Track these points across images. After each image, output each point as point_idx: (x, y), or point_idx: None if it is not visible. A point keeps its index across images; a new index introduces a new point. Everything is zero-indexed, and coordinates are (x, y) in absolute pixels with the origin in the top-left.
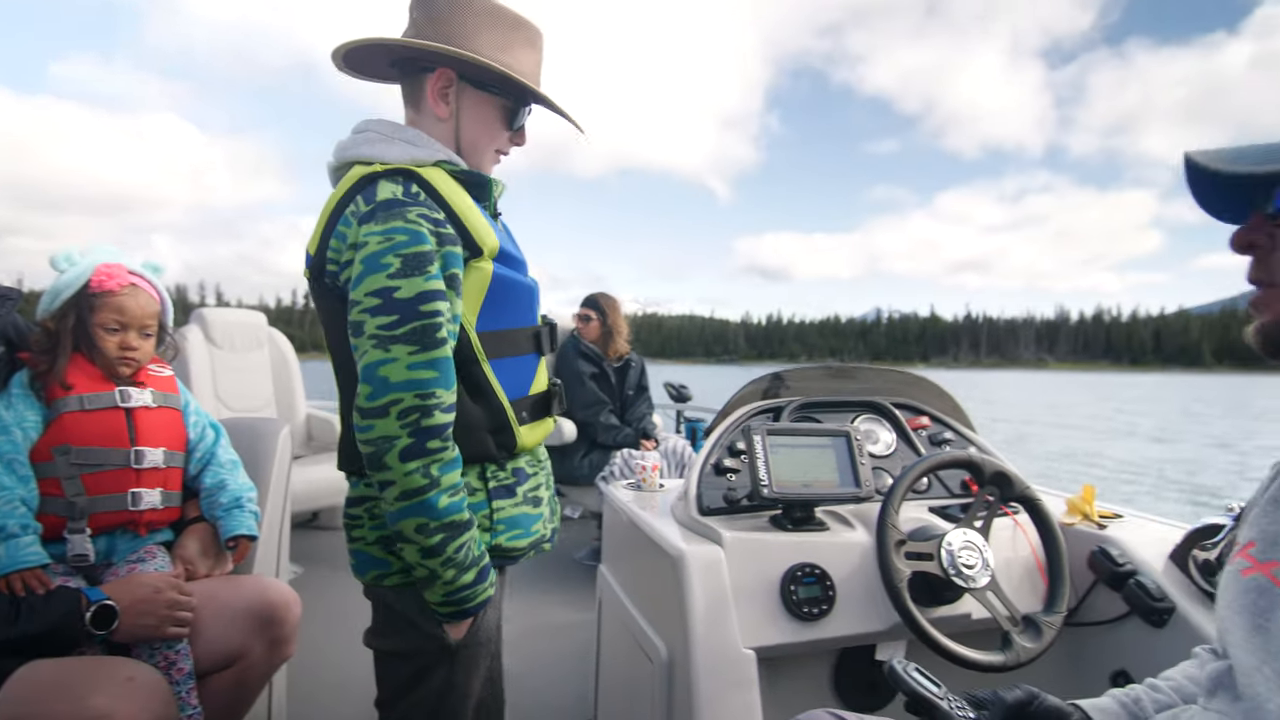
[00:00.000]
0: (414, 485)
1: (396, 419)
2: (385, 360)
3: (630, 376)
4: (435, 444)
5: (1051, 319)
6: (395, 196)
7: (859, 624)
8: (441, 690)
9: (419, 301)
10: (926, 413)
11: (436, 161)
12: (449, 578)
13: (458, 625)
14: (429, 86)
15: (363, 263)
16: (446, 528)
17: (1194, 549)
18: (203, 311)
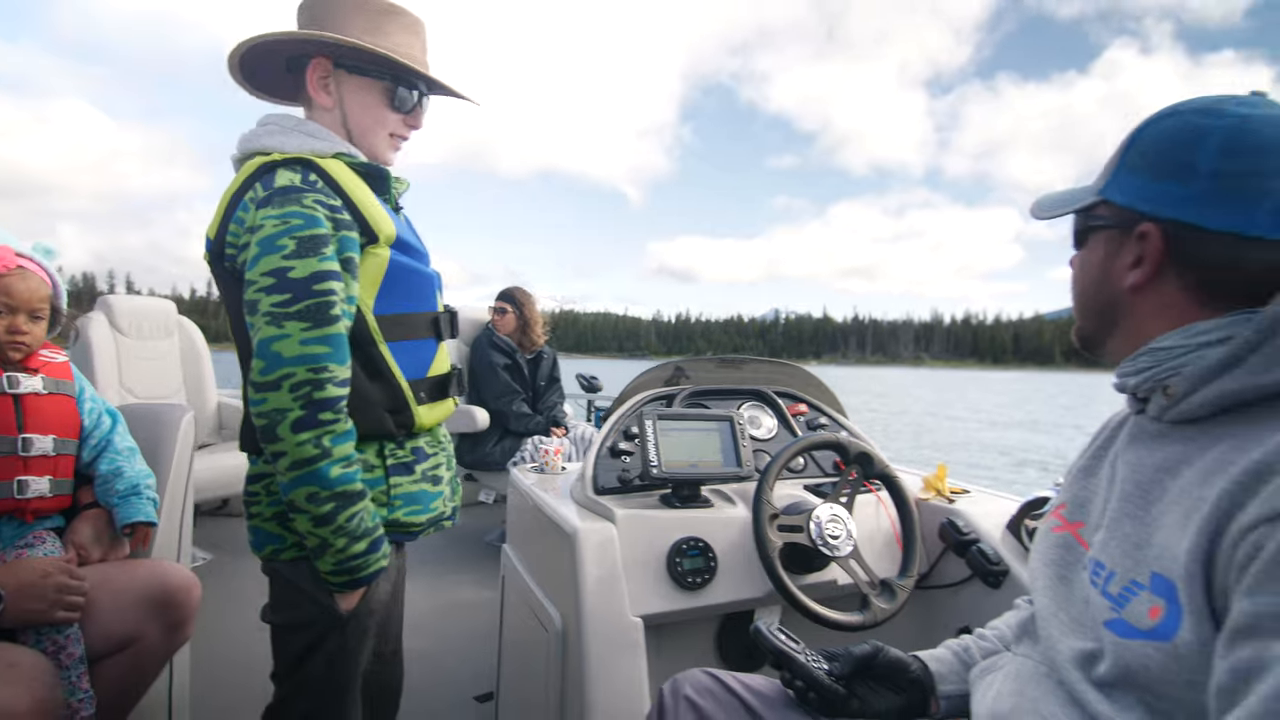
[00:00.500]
0: (305, 455)
1: (289, 392)
2: (279, 336)
3: (542, 368)
4: (327, 416)
5: (928, 321)
6: (293, 183)
7: (738, 591)
8: (331, 660)
9: (313, 281)
10: (805, 400)
11: (336, 153)
12: (340, 546)
13: (349, 595)
14: (309, 78)
15: (258, 245)
16: (338, 497)
17: (1025, 519)
18: (108, 298)
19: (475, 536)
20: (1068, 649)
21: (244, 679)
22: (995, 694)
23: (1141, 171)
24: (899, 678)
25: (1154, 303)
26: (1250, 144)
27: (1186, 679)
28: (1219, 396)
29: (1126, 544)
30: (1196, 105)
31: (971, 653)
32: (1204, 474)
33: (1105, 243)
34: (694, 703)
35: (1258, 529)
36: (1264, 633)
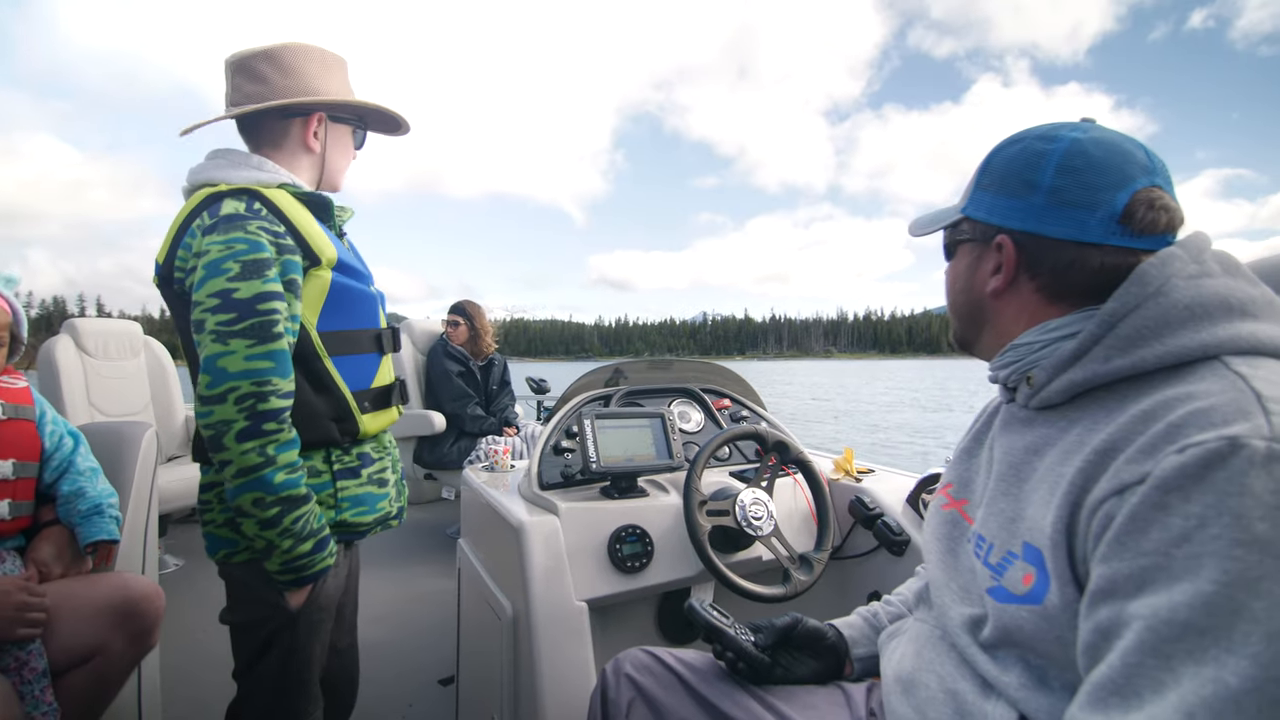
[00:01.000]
0: (250, 463)
1: (234, 405)
2: (224, 353)
3: (494, 373)
4: (271, 426)
5: (835, 319)
6: (238, 211)
7: (674, 572)
8: (284, 656)
9: (256, 301)
10: (728, 395)
11: (280, 184)
12: (286, 547)
13: (297, 592)
14: (304, 129)
15: (204, 268)
16: (282, 501)
17: (923, 493)
18: (74, 322)
19: (438, 530)
20: (958, 615)
21: (215, 679)
22: (899, 656)
23: (993, 190)
24: (817, 645)
25: (1013, 305)
26: (1081, 163)
27: (1056, 636)
28: (1071, 384)
29: (1002, 519)
30: (1037, 132)
31: (880, 618)
32: (1064, 453)
33: (969, 254)
34: (634, 679)
35: (1108, 501)
36: (1120, 594)
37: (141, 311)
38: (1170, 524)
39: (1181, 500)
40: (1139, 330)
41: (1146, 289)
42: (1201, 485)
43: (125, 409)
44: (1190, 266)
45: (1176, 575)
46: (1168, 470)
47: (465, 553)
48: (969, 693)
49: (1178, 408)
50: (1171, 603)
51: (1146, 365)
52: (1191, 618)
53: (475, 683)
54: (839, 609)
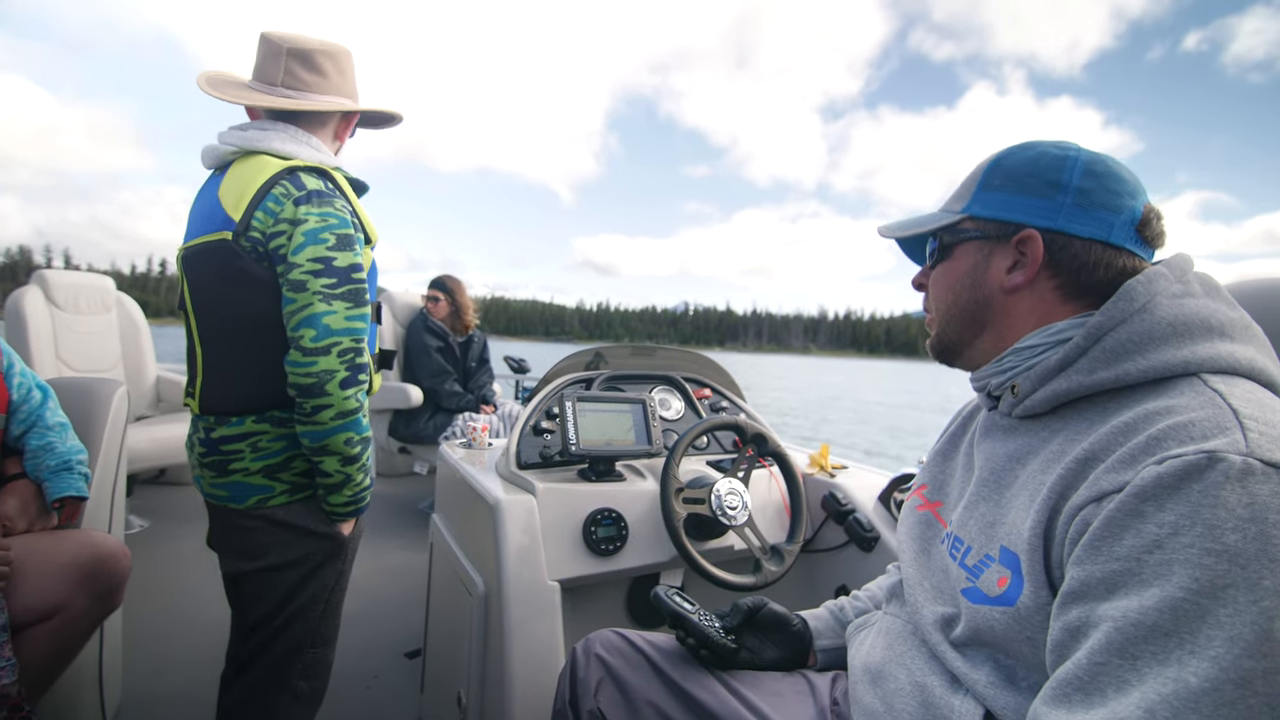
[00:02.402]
0: (350, 408)
1: (337, 357)
2: (328, 312)
3: (473, 350)
4: (363, 377)
5: (815, 316)
6: (322, 188)
7: (646, 556)
8: (334, 581)
9: (351, 270)
10: (709, 385)
11: (336, 167)
12: (359, 480)
13: (350, 522)
14: (343, 127)
15: (304, 235)
16: (364, 441)
17: (895, 492)
18: (44, 273)
19: (410, 504)
20: (930, 613)
21: (175, 642)
22: (869, 647)
23: (1008, 190)
24: (783, 631)
25: (1027, 302)
26: (1103, 170)
27: (1027, 637)
28: (1054, 395)
29: (982, 523)
30: (1047, 143)
31: (846, 612)
32: (1046, 462)
33: (975, 252)
34: (604, 660)
35: (1086, 508)
36: (1090, 596)
37: (111, 266)
38: (1144, 531)
39: (1156, 509)
40: (1123, 344)
41: (1133, 305)
42: (1177, 495)
43: (94, 365)
44: (1174, 286)
45: (1147, 580)
46: (1146, 480)
47: (438, 527)
48: (937, 687)
49: (1158, 421)
50: (1141, 606)
51: (1129, 379)
52: (1159, 621)
53: (442, 657)
54: (807, 600)
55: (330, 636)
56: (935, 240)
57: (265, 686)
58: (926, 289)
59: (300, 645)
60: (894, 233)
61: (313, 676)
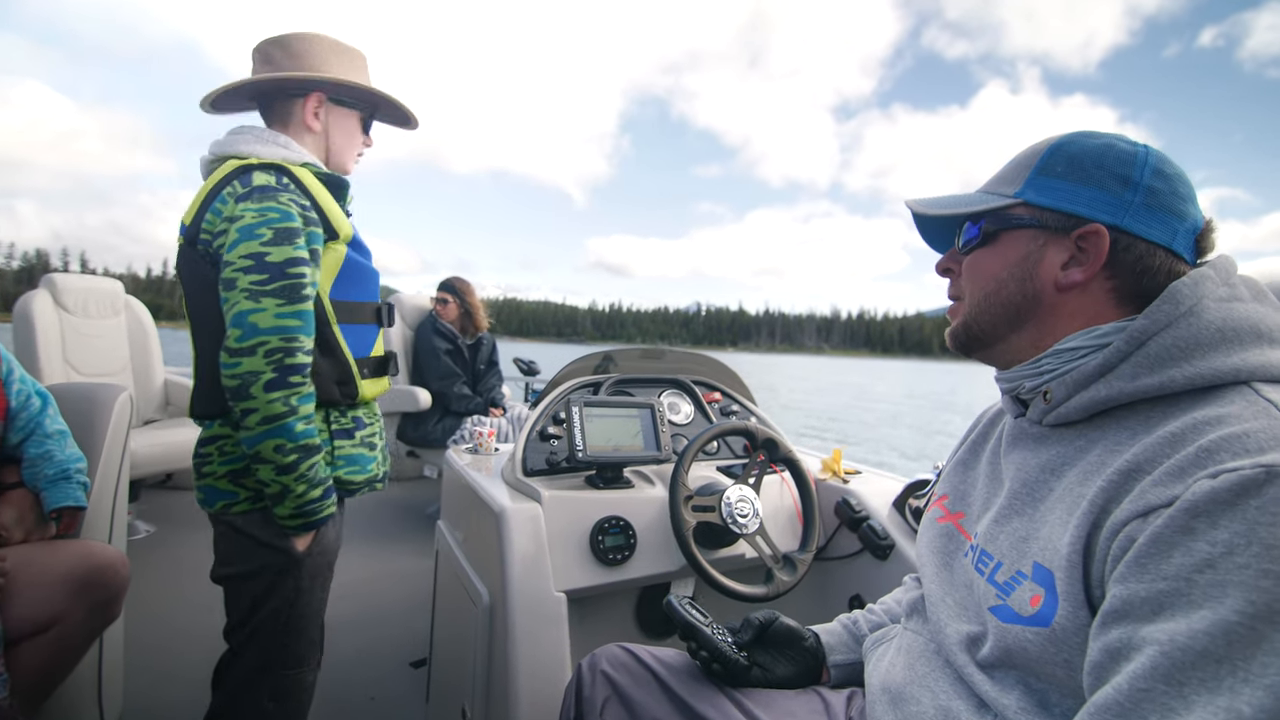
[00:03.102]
0: (275, 412)
1: (263, 357)
2: (255, 309)
3: (482, 353)
4: (296, 379)
5: (828, 316)
6: (269, 184)
7: (655, 566)
8: (291, 598)
9: (287, 265)
10: (719, 389)
11: (304, 163)
12: (300, 491)
13: (304, 536)
14: (304, 109)
15: (238, 231)
16: (301, 449)
17: (909, 499)
18: (53, 276)
19: (418, 508)
20: (955, 632)
21: (179, 651)
22: (888, 665)
23: (1071, 179)
24: (795, 647)
25: (1079, 302)
26: (1170, 171)
27: (1064, 660)
28: (1093, 402)
29: (1014, 538)
30: (1111, 134)
31: (860, 626)
32: (1084, 474)
33: (1028, 241)
34: (610, 677)
35: (1131, 523)
36: (1134, 617)
37: (127, 269)
38: (1195, 549)
39: (1209, 526)
40: (1168, 350)
41: (1179, 308)
42: (1231, 512)
43: (102, 369)
44: (1221, 289)
45: (1197, 602)
46: (1198, 495)
47: (444, 534)
48: (963, 712)
49: (1209, 431)
50: (1190, 629)
51: (1175, 386)
52: (1210, 646)
53: (447, 667)
54: (820, 610)
55: (303, 657)
56: (976, 224)
57: (233, 704)
58: (954, 274)
59: (268, 663)
60: (928, 208)
61: (284, 699)
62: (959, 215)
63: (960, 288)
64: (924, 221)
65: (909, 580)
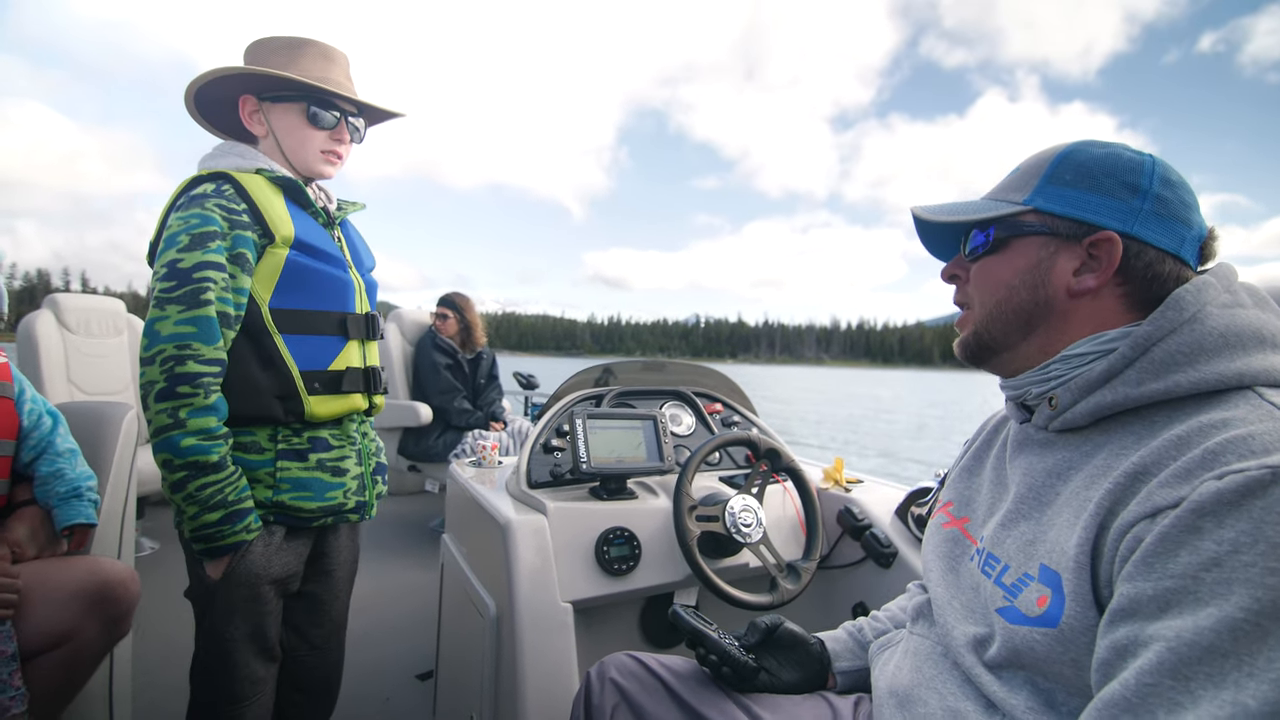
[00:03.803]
0: (162, 424)
1: (159, 366)
2: (160, 318)
3: (482, 367)
4: (185, 389)
5: (827, 326)
6: (204, 191)
7: (660, 576)
8: (210, 630)
9: (194, 270)
10: (720, 400)
11: (257, 169)
12: (191, 514)
13: (213, 563)
14: (241, 113)
15: (164, 241)
16: (189, 466)
17: (911, 506)
18: (56, 296)
19: (420, 523)
20: (962, 634)
21: (184, 668)
22: (894, 668)
23: (1080, 187)
24: (801, 652)
25: (1090, 308)
26: (1175, 179)
27: (1071, 659)
28: (1098, 407)
29: (1021, 541)
30: (1116, 143)
31: (865, 633)
32: (1090, 478)
33: (1039, 248)
34: (618, 684)
35: (1138, 524)
36: (1141, 614)
37: (128, 288)
38: (1201, 548)
39: (1215, 525)
40: (1173, 355)
41: (1183, 314)
42: (1238, 512)
43: (106, 388)
44: (1223, 295)
45: (1204, 599)
46: (1204, 495)
47: (449, 548)
48: (972, 713)
49: (1214, 434)
50: (1197, 626)
51: (1179, 390)
52: (1216, 642)
53: (455, 679)
54: (824, 618)
55: (236, 693)
56: (985, 231)
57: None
58: (961, 280)
59: (210, 695)
60: (935, 215)
61: None
62: (968, 222)
63: (967, 294)
64: (926, 229)
65: (913, 587)
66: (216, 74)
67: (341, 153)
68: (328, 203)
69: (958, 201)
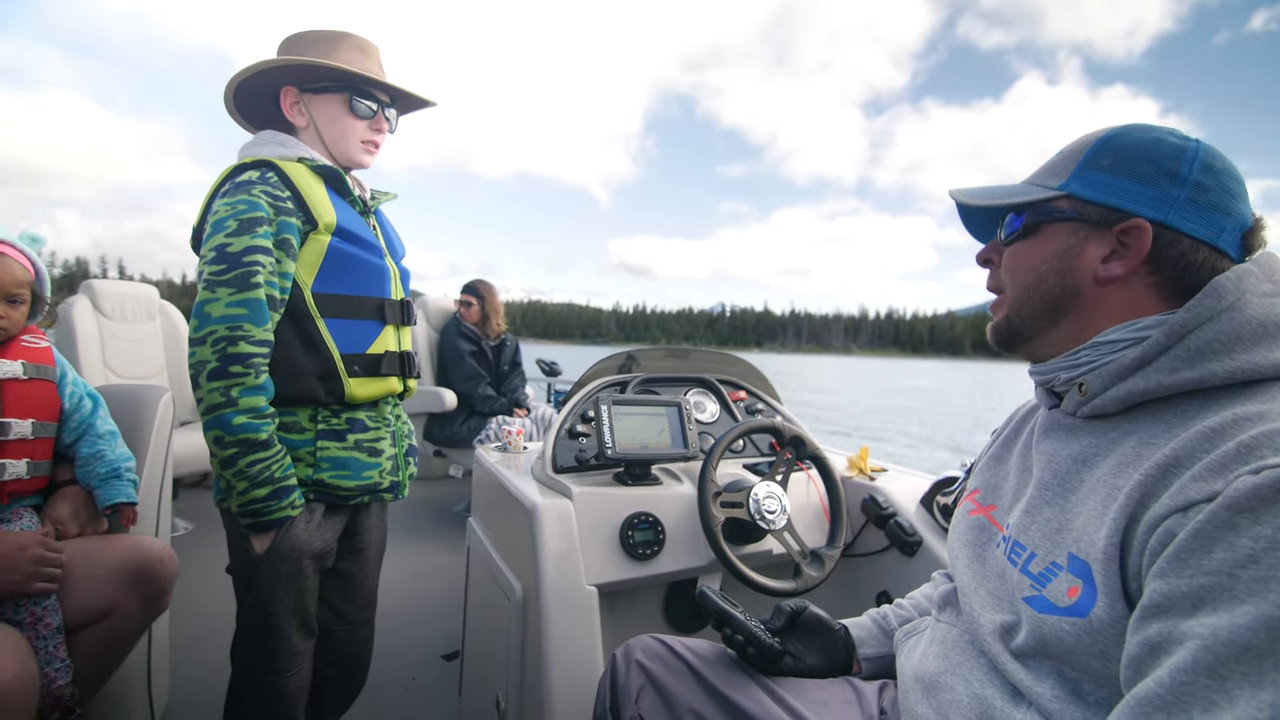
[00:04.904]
0: (214, 402)
1: (210, 346)
2: (210, 300)
3: (505, 354)
4: (237, 369)
5: (856, 315)
6: (249, 178)
7: (684, 561)
8: (254, 604)
9: (244, 254)
10: (744, 388)
11: (299, 158)
12: (241, 489)
13: (259, 537)
14: (283, 104)
15: (210, 227)
16: (240, 444)
17: (937, 496)
18: (91, 283)
19: (445, 507)
20: (988, 622)
21: (219, 644)
22: (920, 655)
23: (1117, 173)
24: (825, 638)
25: (1119, 296)
26: (1219, 166)
27: (1100, 650)
28: (1129, 394)
29: (1047, 528)
30: (1163, 128)
31: (889, 620)
32: (1118, 466)
33: (1069, 234)
34: (644, 666)
35: (1170, 518)
36: (1175, 612)
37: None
38: (1238, 545)
39: (1252, 521)
40: (1209, 344)
41: (1221, 303)
42: (1275, 508)
43: (140, 372)
44: (1264, 285)
45: (1240, 597)
46: (1240, 490)
47: (475, 531)
48: (998, 700)
49: (1249, 427)
50: (1232, 624)
51: (1214, 380)
52: (1253, 640)
53: (480, 660)
54: (848, 606)
55: (277, 665)
56: (1019, 215)
57: (229, 703)
58: (995, 265)
59: (247, 666)
60: (972, 199)
61: (263, 704)
62: (1002, 206)
63: (1000, 280)
64: (967, 212)
65: (938, 576)
66: (264, 65)
67: (379, 142)
68: (363, 192)
69: (997, 185)
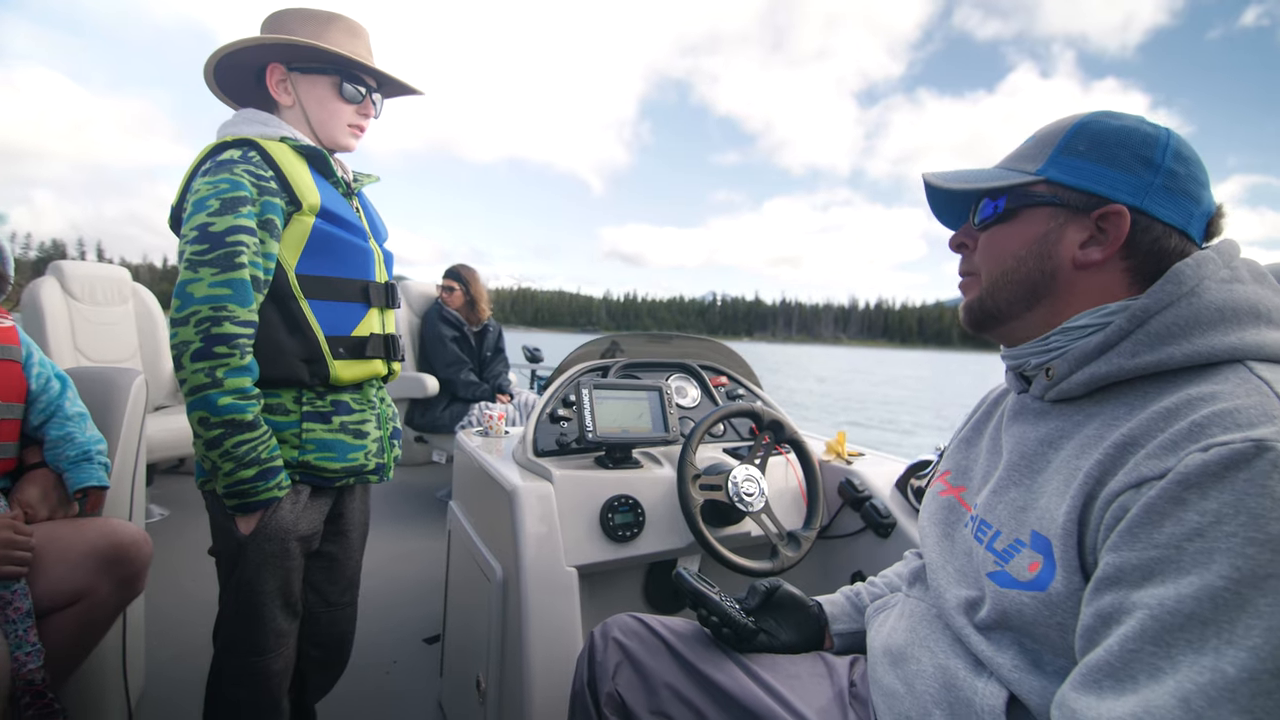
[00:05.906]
0: (198, 383)
1: (194, 327)
2: (193, 279)
3: (488, 340)
4: (221, 349)
5: (845, 306)
6: (231, 157)
7: (663, 543)
8: (239, 584)
9: (227, 234)
10: (725, 373)
11: (281, 137)
12: (227, 470)
13: (245, 518)
14: (269, 81)
15: (192, 205)
16: (226, 424)
17: (911, 479)
18: (60, 264)
19: (427, 493)
20: (954, 597)
21: (196, 629)
22: (889, 629)
23: (1093, 159)
24: (799, 614)
25: (1094, 281)
26: (1188, 154)
27: (1057, 622)
28: (1093, 378)
29: (1012, 507)
30: (1132, 115)
31: (861, 597)
32: (1081, 447)
33: (1048, 219)
34: (621, 644)
35: (1124, 494)
36: (1125, 583)
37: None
38: (1185, 519)
39: (1199, 497)
40: (1168, 328)
41: (1181, 288)
42: (1221, 484)
43: (112, 355)
44: (1223, 271)
45: (1185, 568)
46: (1190, 467)
47: (456, 515)
48: (961, 670)
49: (1201, 407)
50: (1178, 594)
51: (1173, 363)
52: (1196, 609)
53: (461, 642)
54: (823, 586)
55: (261, 645)
56: (996, 200)
57: (210, 683)
58: (969, 250)
59: (229, 646)
60: (947, 182)
61: (245, 685)
62: (979, 190)
63: (973, 263)
64: (936, 196)
65: (910, 554)
66: (254, 41)
67: (365, 126)
68: (345, 174)
69: (970, 169)
